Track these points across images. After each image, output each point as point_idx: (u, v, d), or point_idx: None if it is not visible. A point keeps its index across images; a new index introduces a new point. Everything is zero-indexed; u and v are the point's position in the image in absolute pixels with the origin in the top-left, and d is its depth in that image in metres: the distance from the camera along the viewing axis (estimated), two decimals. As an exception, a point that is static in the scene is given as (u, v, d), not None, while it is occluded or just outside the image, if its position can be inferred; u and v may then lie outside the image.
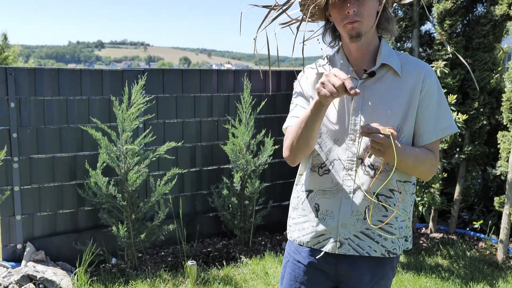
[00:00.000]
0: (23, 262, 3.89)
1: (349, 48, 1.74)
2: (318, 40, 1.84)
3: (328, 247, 1.74)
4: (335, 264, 1.75)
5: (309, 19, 1.76)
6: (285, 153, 1.77)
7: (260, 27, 1.73)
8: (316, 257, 1.77)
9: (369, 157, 1.63)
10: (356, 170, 1.69)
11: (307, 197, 1.79)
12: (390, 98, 1.68)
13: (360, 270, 1.74)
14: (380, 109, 1.68)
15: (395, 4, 1.78)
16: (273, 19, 1.75)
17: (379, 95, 1.69)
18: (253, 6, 1.76)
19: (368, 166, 1.68)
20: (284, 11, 1.73)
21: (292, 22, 1.81)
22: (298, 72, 1.95)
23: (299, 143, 1.69)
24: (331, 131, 1.73)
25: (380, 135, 1.52)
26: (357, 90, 1.47)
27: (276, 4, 1.72)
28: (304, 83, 1.83)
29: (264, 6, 1.76)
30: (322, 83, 1.52)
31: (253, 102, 4.57)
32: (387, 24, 1.71)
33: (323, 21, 1.81)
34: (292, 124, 1.77)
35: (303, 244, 1.80)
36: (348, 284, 1.77)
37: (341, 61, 1.76)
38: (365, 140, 1.67)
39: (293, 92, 1.88)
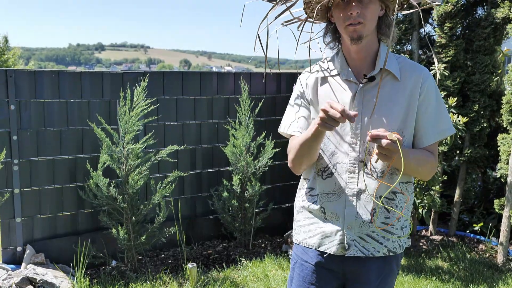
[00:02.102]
0: (23, 264, 3.88)
1: (349, 51, 1.76)
2: (318, 42, 1.86)
3: (333, 249, 1.77)
4: (342, 263, 1.78)
5: (310, 20, 1.77)
6: (290, 164, 1.84)
7: (262, 22, 1.74)
8: (324, 256, 1.80)
9: (376, 161, 1.66)
10: (358, 173, 1.71)
11: (315, 200, 1.81)
12: (390, 102, 1.71)
13: (367, 268, 1.77)
14: (381, 113, 1.70)
15: (396, 12, 1.81)
16: (277, 16, 1.76)
17: (379, 99, 1.70)
18: None
19: (371, 169, 1.71)
20: (288, 8, 1.74)
21: (294, 21, 1.82)
22: (299, 74, 1.96)
23: (302, 159, 1.76)
24: (333, 135, 1.75)
25: (387, 141, 1.54)
26: (355, 114, 1.54)
27: None
28: (304, 88, 1.84)
29: (268, 1, 1.77)
30: (323, 120, 1.56)
31: (251, 104, 4.57)
32: (387, 30, 1.74)
33: (325, 22, 1.83)
34: (294, 136, 1.82)
35: (309, 245, 1.83)
36: (356, 282, 1.80)
37: (341, 65, 1.78)
38: (367, 144, 1.69)
39: (292, 96, 1.90)
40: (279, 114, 4.92)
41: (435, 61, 1.91)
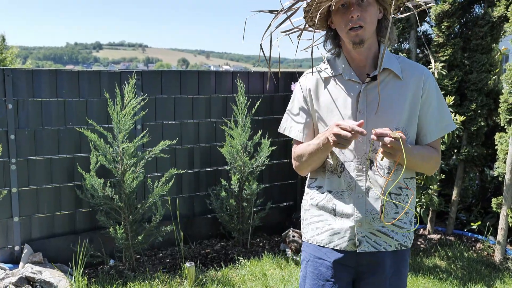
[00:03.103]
0: (21, 263, 3.88)
1: (350, 53, 1.80)
2: (318, 48, 1.91)
3: (343, 245, 1.81)
4: (357, 256, 1.82)
5: (310, 28, 1.83)
6: (295, 168, 1.92)
7: (265, 32, 1.79)
8: (338, 252, 1.84)
9: (381, 159, 1.71)
10: (366, 171, 1.77)
11: (324, 198, 1.85)
12: (393, 101, 1.76)
13: (380, 260, 1.81)
14: (385, 112, 1.75)
15: (393, 15, 1.86)
16: (279, 25, 1.81)
17: (382, 99, 1.75)
18: (259, 12, 1.82)
19: (378, 166, 1.77)
20: (288, 17, 1.80)
21: (294, 30, 1.86)
22: (298, 73, 1.99)
23: (311, 166, 1.85)
24: None
25: (391, 139, 1.60)
26: (364, 131, 1.61)
27: (283, 8, 1.79)
28: (305, 91, 1.88)
29: (270, 11, 1.81)
30: (336, 142, 1.64)
31: (248, 103, 4.57)
32: (386, 32, 1.77)
33: (324, 31, 1.88)
34: (301, 144, 1.87)
35: (317, 242, 1.87)
36: (370, 274, 1.83)
37: (343, 66, 1.82)
38: (373, 142, 1.73)
39: (292, 98, 1.93)
40: (277, 113, 4.92)
41: (432, 61, 1.96)
